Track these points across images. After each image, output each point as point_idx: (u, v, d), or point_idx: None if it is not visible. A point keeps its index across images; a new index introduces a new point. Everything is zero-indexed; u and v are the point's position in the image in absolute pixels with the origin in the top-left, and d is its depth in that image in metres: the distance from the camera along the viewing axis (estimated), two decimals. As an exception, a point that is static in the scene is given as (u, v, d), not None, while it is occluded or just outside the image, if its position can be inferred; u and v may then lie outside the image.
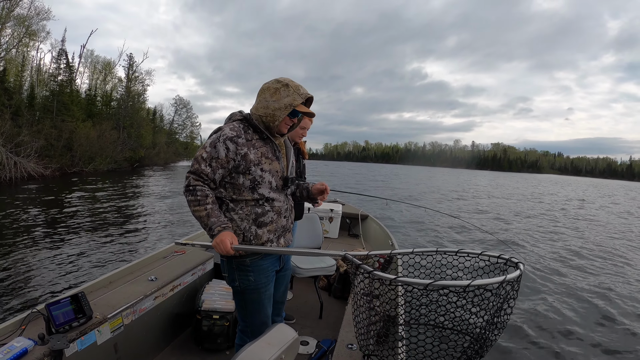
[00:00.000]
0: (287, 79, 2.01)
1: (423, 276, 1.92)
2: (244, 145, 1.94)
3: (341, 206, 5.47)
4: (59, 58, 33.11)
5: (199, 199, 1.90)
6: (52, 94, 31.43)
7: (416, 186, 31.52)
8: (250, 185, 1.98)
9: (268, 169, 2.00)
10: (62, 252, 6.89)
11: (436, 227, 12.31)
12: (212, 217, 1.91)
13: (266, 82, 2.04)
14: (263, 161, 1.99)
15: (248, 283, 2.05)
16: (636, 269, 8.77)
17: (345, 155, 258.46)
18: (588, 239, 12.48)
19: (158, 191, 19.26)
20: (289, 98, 1.96)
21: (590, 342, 4.84)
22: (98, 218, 10.08)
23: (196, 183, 1.92)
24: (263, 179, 1.99)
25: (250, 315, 2.11)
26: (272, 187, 2.03)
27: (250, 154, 1.95)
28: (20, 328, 2.03)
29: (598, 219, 18.43)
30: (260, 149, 1.99)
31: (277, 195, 2.07)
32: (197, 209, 1.91)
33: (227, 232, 1.90)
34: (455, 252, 1.82)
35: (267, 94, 1.99)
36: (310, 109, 2.08)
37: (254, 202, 2.01)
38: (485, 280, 1.45)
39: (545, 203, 25.05)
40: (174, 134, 53.17)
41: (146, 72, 46.16)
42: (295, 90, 1.97)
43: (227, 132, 1.94)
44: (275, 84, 1.99)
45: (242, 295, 2.09)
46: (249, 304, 2.09)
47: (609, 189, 62.01)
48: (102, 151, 31.73)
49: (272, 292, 2.17)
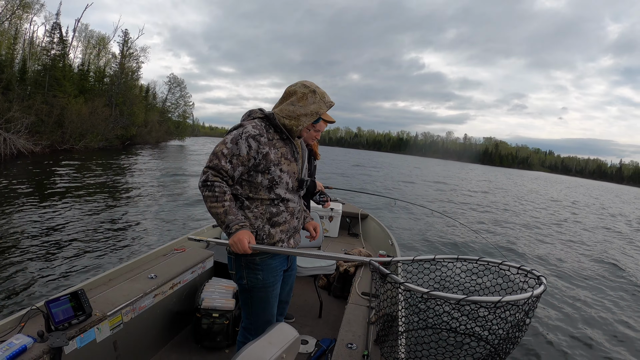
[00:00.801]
0: (313, 84, 2.02)
1: (435, 284, 1.94)
2: (265, 144, 1.93)
3: (341, 205, 5.45)
4: (52, 32, 32.29)
5: (217, 195, 1.88)
6: (44, 68, 30.72)
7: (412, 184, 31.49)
8: (268, 185, 1.98)
9: (287, 169, 2.00)
10: (61, 249, 6.84)
11: (435, 227, 12.35)
12: (229, 214, 1.88)
13: (292, 85, 2.04)
14: (282, 162, 1.98)
15: (256, 281, 2.04)
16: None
17: (336, 140, 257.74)
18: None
19: (155, 174, 18.97)
20: (315, 105, 1.98)
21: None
22: (96, 211, 9.94)
23: (214, 179, 1.89)
24: (281, 179, 1.99)
25: (256, 314, 2.11)
26: (289, 187, 2.03)
27: (271, 154, 1.94)
28: (19, 325, 2.01)
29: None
30: (280, 149, 1.99)
31: (292, 196, 2.07)
32: (214, 205, 1.88)
33: (244, 230, 1.87)
34: (475, 260, 1.82)
35: (294, 98, 1.99)
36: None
37: (270, 201, 2.00)
38: (515, 296, 1.46)
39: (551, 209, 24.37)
40: (167, 112, 52.65)
41: (141, 49, 45.16)
42: (321, 97, 2.00)
43: (250, 129, 1.92)
44: (302, 89, 1.99)
45: (250, 293, 2.08)
46: (256, 302, 2.09)
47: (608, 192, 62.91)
48: (93, 128, 31.25)
49: (279, 291, 2.16)
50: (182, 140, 56.45)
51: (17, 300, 4.81)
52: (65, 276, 5.66)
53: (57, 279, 5.52)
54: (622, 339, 5.37)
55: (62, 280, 5.51)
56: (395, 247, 4.13)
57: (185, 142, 56.72)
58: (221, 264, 3.61)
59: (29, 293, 5.02)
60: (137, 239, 7.97)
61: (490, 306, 1.48)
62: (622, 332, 5.59)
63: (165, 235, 8.35)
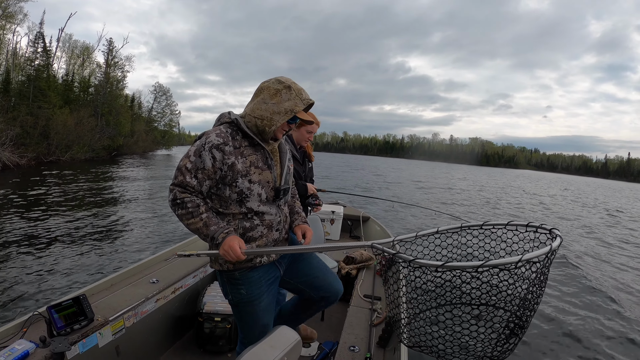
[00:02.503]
0: (289, 79, 1.83)
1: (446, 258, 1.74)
2: (231, 153, 1.77)
3: (342, 208, 5.45)
4: (36, 41, 31.89)
5: (192, 211, 1.77)
6: (28, 79, 30.17)
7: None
8: (238, 199, 1.83)
9: (257, 179, 1.83)
10: (63, 255, 6.82)
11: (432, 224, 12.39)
12: (210, 225, 1.78)
13: (265, 81, 1.85)
14: (252, 171, 1.82)
15: (240, 296, 1.94)
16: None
17: (323, 145, 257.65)
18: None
19: (149, 183, 18.88)
20: (289, 102, 1.79)
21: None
22: (95, 219, 9.93)
23: (183, 195, 1.78)
24: (251, 191, 1.82)
25: (248, 328, 2.03)
26: (262, 199, 1.87)
27: (237, 164, 1.78)
28: (21, 331, 2.02)
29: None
30: (249, 157, 1.82)
31: (267, 208, 1.90)
32: (191, 222, 1.78)
33: (232, 236, 1.77)
34: (480, 226, 1.71)
35: (266, 95, 1.81)
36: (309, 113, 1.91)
37: (242, 215, 1.86)
38: (534, 253, 1.36)
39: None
40: (153, 121, 52.24)
41: (126, 58, 44.84)
42: (297, 94, 1.80)
43: (213, 138, 1.76)
44: (276, 85, 1.81)
45: (237, 308, 2.00)
46: (244, 317, 2.01)
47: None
48: (79, 139, 30.84)
49: (269, 301, 2.03)
50: (169, 149, 56.13)
51: (20, 306, 4.80)
52: (67, 282, 5.65)
53: (59, 285, 5.52)
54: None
55: (64, 286, 5.49)
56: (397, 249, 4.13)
57: (172, 152, 56.42)
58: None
59: (31, 299, 5.00)
60: (138, 244, 7.96)
61: (511, 267, 1.38)
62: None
63: (167, 240, 8.34)
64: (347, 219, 5.58)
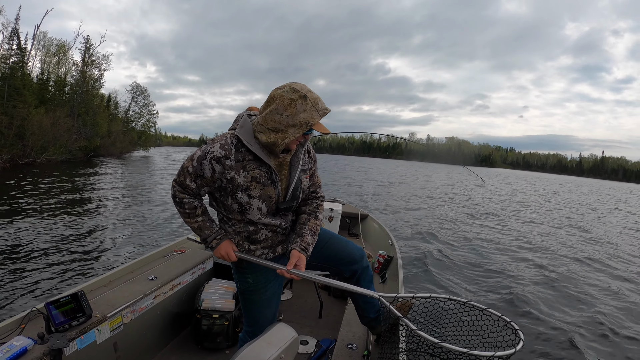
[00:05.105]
0: (304, 87, 1.66)
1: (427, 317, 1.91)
2: (231, 168, 1.71)
3: (341, 205, 5.43)
4: (10, 38, 31.05)
5: (188, 212, 1.86)
6: (2, 77, 29.21)
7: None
8: (239, 209, 1.81)
9: (258, 194, 1.76)
10: (61, 252, 6.82)
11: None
12: (204, 229, 1.87)
13: (278, 88, 1.67)
14: (253, 186, 1.74)
15: (247, 285, 2.00)
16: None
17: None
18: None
19: (134, 184, 18.69)
20: (305, 114, 1.62)
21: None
22: (91, 217, 10.01)
23: (182, 195, 1.83)
24: (251, 205, 1.77)
25: (252, 316, 2.07)
26: (263, 212, 1.81)
27: (238, 178, 1.72)
28: (19, 327, 1.99)
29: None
30: (251, 172, 1.73)
31: (270, 220, 1.85)
32: (188, 221, 1.88)
33: (225, 242, 1.87)
34: (463, 303, 1.80)
35: (279, 105, 1.63)
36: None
37: (247, 219, 1.86)
38: (505, 352, 1.44)
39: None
40: (130, 122, 51.31)
41: (103, 56, 43.93)
42: (313, 104, 1.63)
43: (215, 149, 1.70)
44: (290, 94, 1.62)
45: (243, 296, 2.05)
46: (249, 305, 2.05)
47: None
48: (55, 140, 30.19)
49: (274, 291, 2.05)
50: (146, 150, 55.19)
51: (17, 302, 4.80)
52: (65, 278, 5.66)
53: (57, 281, 5.53)
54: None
55: (62, 282, 5.50)
56: (395, 247, 4.14)
57: (149, 153, 55.66)
58: (221, 265, 3.59)
59: (29, 295, 5.01)
60: (135, 241, 8.03)
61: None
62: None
63: (165, 237, 8.40)
64: (346, 216, 5.57)
